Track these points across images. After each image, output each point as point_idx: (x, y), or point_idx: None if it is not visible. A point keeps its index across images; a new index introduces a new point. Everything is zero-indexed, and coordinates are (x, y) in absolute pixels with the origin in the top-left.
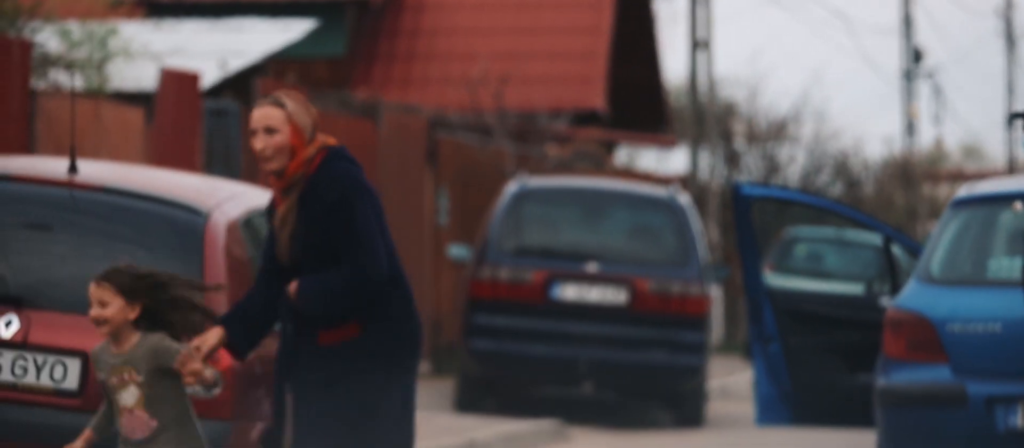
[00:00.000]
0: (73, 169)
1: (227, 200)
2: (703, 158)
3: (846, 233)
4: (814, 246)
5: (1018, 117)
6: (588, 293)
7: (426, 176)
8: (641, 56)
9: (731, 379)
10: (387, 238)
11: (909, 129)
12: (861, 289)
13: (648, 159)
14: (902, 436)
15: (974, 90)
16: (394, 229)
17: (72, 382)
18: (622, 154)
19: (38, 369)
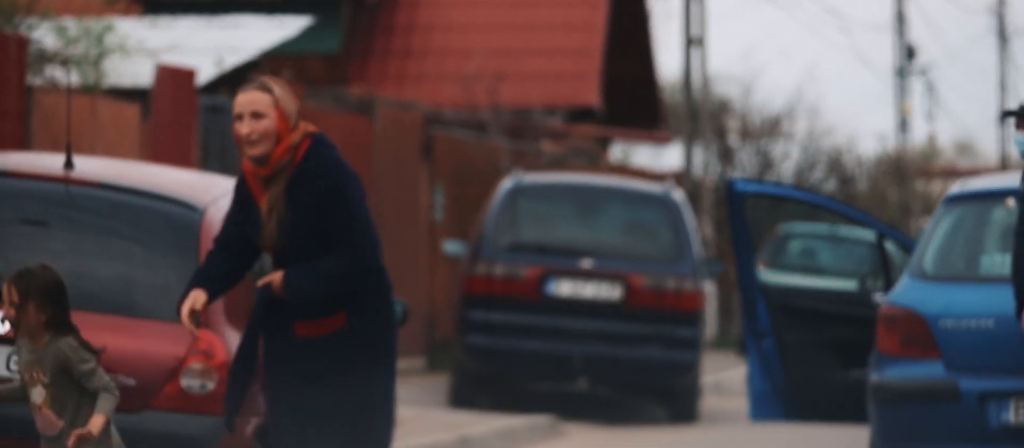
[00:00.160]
0: (69, 165)
1: (223, 196)
2: (697, 154)
3: (840, 229)
4: (808, 242)
5: (1010, 114)
6: (583, 289)
7: (421, 172)
8: (636, 53)
9: (725, 375)
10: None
11: (902, 126)
12: (855, 285)
13: (643, 155)
14: (895, 432)
15: (967, 87)
16: (389, 225)
17: None
18: (617, 150)
19: None
